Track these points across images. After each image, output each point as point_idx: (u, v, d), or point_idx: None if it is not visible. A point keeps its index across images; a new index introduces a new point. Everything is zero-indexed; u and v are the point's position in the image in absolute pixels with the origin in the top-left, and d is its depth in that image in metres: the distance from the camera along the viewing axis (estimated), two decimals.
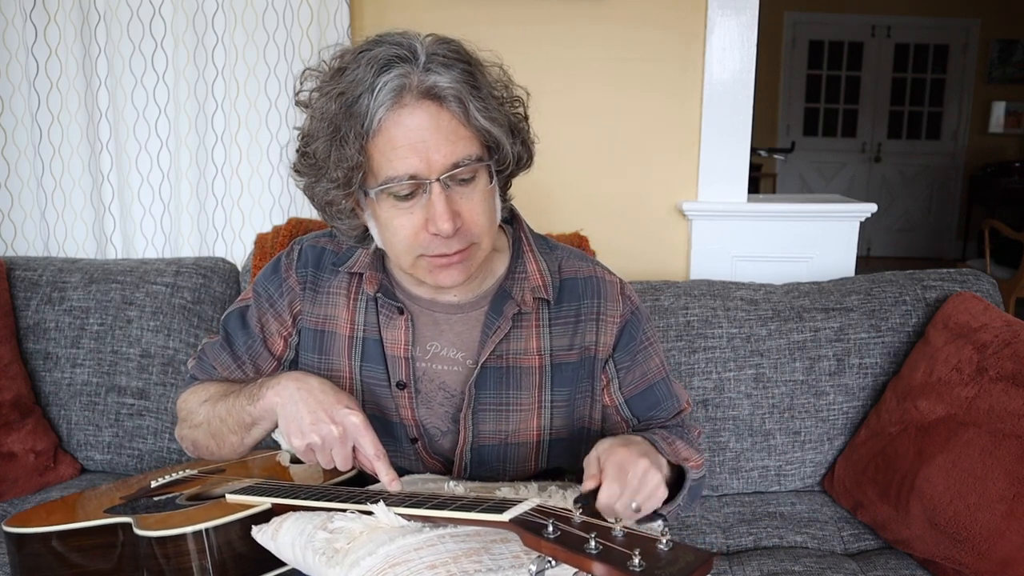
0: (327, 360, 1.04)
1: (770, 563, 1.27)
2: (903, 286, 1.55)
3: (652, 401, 1.07)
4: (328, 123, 0.85)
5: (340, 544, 0.77)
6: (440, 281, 0.93)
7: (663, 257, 1.90)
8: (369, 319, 1.02)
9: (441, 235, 0.87)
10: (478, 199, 0.90)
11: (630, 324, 1.05)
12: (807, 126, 6.82)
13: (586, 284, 1.04)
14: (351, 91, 0.84)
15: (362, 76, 0.84)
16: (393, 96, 0.83)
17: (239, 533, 0.86)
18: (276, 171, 1.79)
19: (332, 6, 1.74)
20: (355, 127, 0.84)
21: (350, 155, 0.84)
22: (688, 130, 1.84)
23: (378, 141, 0.85)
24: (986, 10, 6.44)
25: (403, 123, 0.84)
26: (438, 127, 0.85)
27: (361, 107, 0.84)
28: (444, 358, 1.02)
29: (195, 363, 1.11)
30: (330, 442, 0.85)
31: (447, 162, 0.85)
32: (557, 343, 1.02)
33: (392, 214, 0.89)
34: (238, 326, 1.08)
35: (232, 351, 1.07)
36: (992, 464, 1.16)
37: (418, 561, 0.72)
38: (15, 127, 1.79)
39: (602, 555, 0.58)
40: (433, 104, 0.85)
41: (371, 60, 0.84)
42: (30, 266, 1.65)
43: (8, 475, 1.46)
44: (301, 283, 1.04)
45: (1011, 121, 6.65)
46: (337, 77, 0.86)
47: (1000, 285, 2.00)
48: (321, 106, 0.87)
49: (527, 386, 1.01)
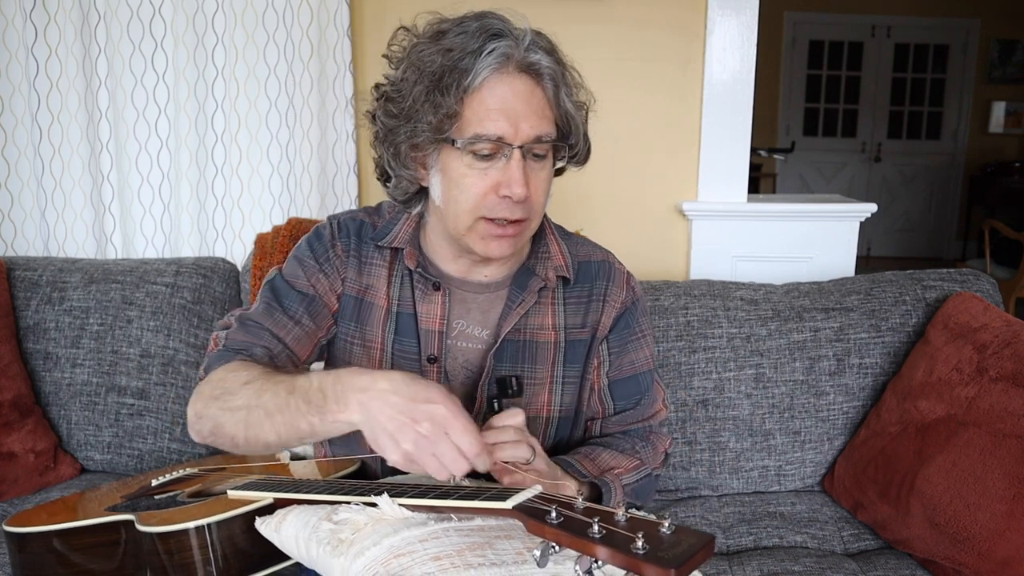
0: (362, 329, 1.06)
1: (770, 563, 1.27)
2: (903, 286, 1.55)
3: (633, 390, 1.12)
4: (432, 73, 0.90)
5: (345, 535, 0.77)
6: (490, 251, 0.97)
7: (663, 257, 1.91)
8: (404, 293, 1.05)
9: (513, 198, 0.92)
10: (544, 177, 0.97)
11: (628, 312, 1.11)
12: (807, 126, 6.83)
13: (599, 267, 1.12)
14: (459, 47, 0.89)
15: (471, 39, 0.90)
16: (498, 62, 0.90)
17: (242, 528, 0.86)
18: (276, 171, 1.79)
19: (332, 6, 1.74)
20: (458, 80, 0.89)
21: (448, 104, 0.89)
22: (688, 130, 1.84)
23: (474, 99, 0.90)
24: (986, 10, 6.44)
25: (501, 88, 0.90)
26: (531, 100, 0.92)
27: (466, 64, 0.89)
28: (469, 336, 1.06)
29: (235, 329, 1.02)
30: (424, 445, 0.76)
31: (532, 133, 0.92)
32: (571, 320, 1.09)
33: (465, 172, 0.93)
34: (286, 290, 1.04)
35: (284, 310, 1.03)
36: (992, 464, 1.16)
37: (422, 552, 0.72)
38: (15, 127, 1.79)
39: (605, 539, 0.58)
40: (530, 78, 0.92)
41: (481, 28, 0.90)
42: (30, 266, 1.65)
43: (8, 475, 1.46)
44: (345, 251, 1.06)
45: (1011, 121, 6.65)
46: (439, 38, 0.91)
47: (1000, 285, 2.00)
48: (425, 57, 0.91)
49: (542, 360, 1.07)
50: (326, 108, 1.78)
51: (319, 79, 1.76)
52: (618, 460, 1.06)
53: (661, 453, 1.14)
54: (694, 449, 1.51)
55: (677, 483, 1.52)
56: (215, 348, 1.02)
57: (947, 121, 6.75)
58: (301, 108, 1.76)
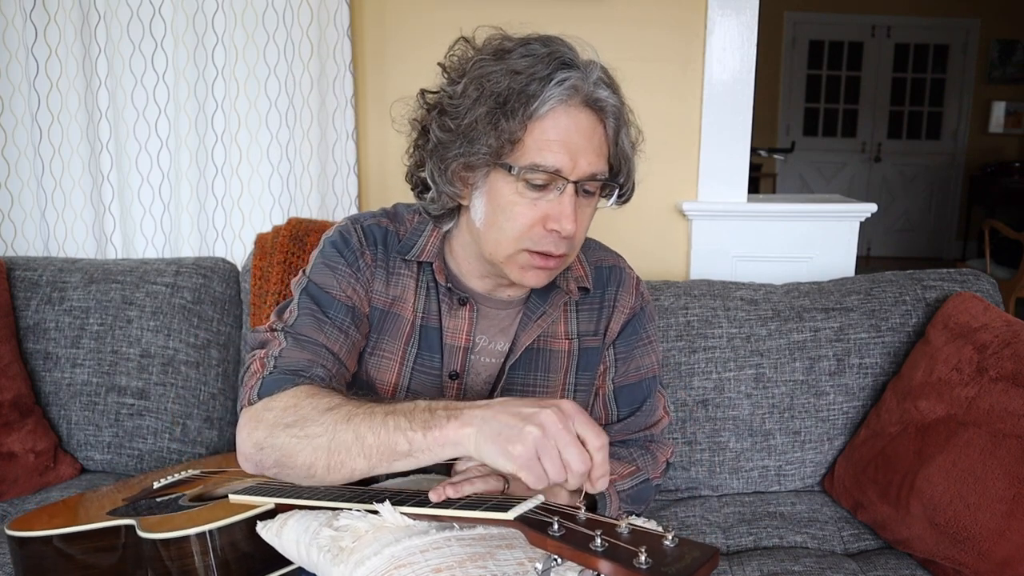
0: (381, 340, 1.03)
1: (770, 563, 1.26)
2: (903, 286, 1.55)
3: (639, 396, 1.11)
4: (498, 95, 0.88)
5: (345, 543, 0.77)
6: (526, 280, 0.96)
7: (663, 257, 1.90)
8: (430, 307, 1.04)
9: (561, 233, 0.91)
10: (589, 214, 0.97)
11: (636, 317, 1.11)
12: (807, 126, 6.83)
13: (610, 273, 1.12)
14: (527, 72, 0.87)
15: (539, 64, 0.88)
16: (567, 93, 0.88)
17: (243, 533, 0.86)
18: (276, 171, 1.79)
19: (332, 6, 1.74)
20: (524, 105, 0.87)
21: (512, 128, 0.87)
22: (688, 130, 1.84)
23: (537, 127, 0.88)
24: (986, 10, 6.44)
25: (566, 120, 0.89)
26: (592, 136, 0.91)
27: (533, 90, 0.87)
28: (491, 351, 1.06)
29: (288, 347, 0.95)
30: (552, 431, 0.70)
31: (589, 171, 0.91)
32: (584, 328, 1.08)
33: (515, 200, 0.91)
34: (328, 300, 0.99)
35: (332, 322, 0.98)
36: (992, 464, 1.16)
37: (423, 564, 0.71)
38: (15, 127, 1.79)
39: (608, 552, 0.58)
40: (594, 114, 0.91)
41: (550, 55, 0.89)
42: (30, 266, 1.65)
43: (8, 475, 1.46)
44: (374, 261, 1.03)
45: (1011, 121, 6.65)
46: (503, 57, 0.90)
47: (1000, 285, 2.00)
48: (491, 76, 0.89)
49: (555, 368, 1.06)
50: (326, 108, 1.78)
51: (319, 79, 1.76)
52: (613, 467, 1.03)
53: (662, 463, 1.13)
54: (694, 449, 1.51)
55: (677, 483, 1.52)
56: (262, 370, 0.93)
57: (947, 121, 6.74)
58: (301, 108, 1.76)
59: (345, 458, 0.81)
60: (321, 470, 0.83)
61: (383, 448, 0.79)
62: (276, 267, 1.57)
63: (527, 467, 0.70)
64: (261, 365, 0.94)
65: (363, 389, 1.04)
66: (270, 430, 0.87)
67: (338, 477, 0.84)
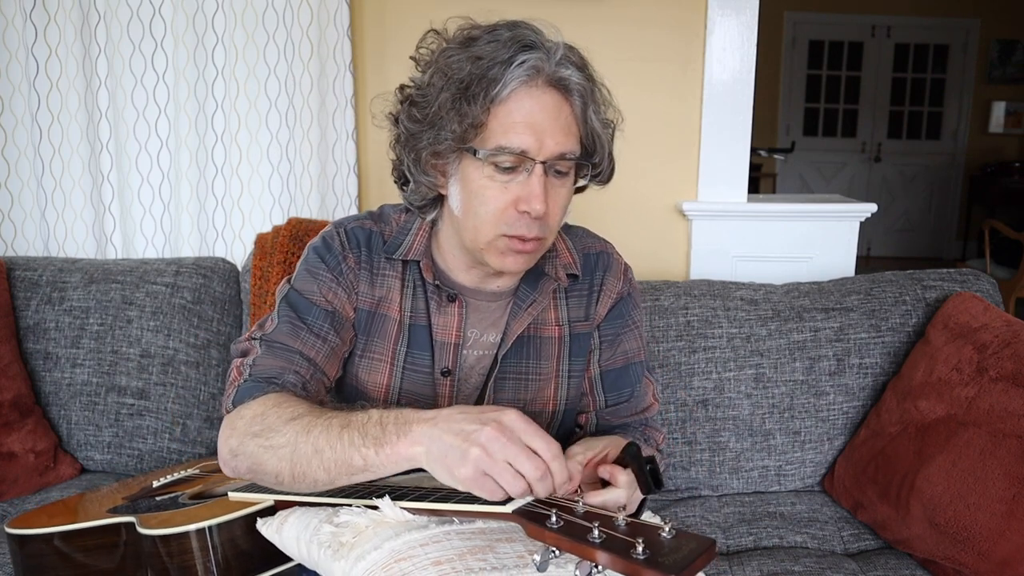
0: (370, 341, 1.03)
1: (770, 563, 1.27)
2: (903, 286, 1.55)
3: (625, 381, 1.12)
4: (460, 81, 0.88)
5: (346, 538, 0.77)
6: (506, 265, 0.96)
7: (663, 257, 1.91)
8: (417, 305, 1.04)
9: (531, 214, 0.91)
10: (563, 194, 0.95)
11: (622, 302, 1.12)
12: (807, 126, 6.83)
13: (598, 258, 1.12)
14: (489, 57, 0.88)
15: (501, 48, 0.88)
16: (528, 74, 0.88)
17: (242, 530, 0.86)
18: (276, 171, 1.79)
19: (332, 6, 1.74)
20: (486, 89, 0.87)
21: (474, 113, 0.87)
22: (688, 130, 1.84)
23: (500, 110, 0.89)
24: (986, 10, 6.44)
25: (529, 101, 0.89)
26: (558, 116, 0.90)
27: (495, 73, 0.87)
28: (482, 343, 1.06)
29: (262, 354, 0.95)
30: (494, 448, 0.70)
31: (557, 150, 0.90)
32: (574, 314, 1.09)
33: (486, 184, 0.91)
34: (306, 305, 1.00)
35: (309, 328, 0.98)
36: (992, 464, 1.16)
37: (423, 557, 0.72)
38: (15, 127, 1.79)
39: (606, 544, 0.58)
40: (559, 94, 0.91)
41: (512, 38, 0.89)
42: (30, 266, 1.65)
43: (8, 475, 1.46)
44: (357, 263, 1.03)
45: (1011, 121, 6.65)
46: (469, 45, 0.90)
47: (1000, 285, 2.00)
48: (454, 64, 0.89)
49: (547, 356, 1.07)
50: (326, 108, 1.78)
51: (319, 79, 1.76)
52: None
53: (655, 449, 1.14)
54: (694, 449, 1.51)
55: (677, 483, 1.52)
56: (239, 378, 0.94)
57: (947, 121, 6.74)
58: (301, 108, 1.76)
59: (307, 469, 0.81)
60: (287, 479, 0.83)
61: (340, 463, 0.79)
62: (276, 267, 1.57)
63: (477, 487, 0.70)
64: (238, 373, 0.95)
65: (354, 393, 1.05)
66: (241, 438, 0.87)
67: (303, 487, 0.83)
